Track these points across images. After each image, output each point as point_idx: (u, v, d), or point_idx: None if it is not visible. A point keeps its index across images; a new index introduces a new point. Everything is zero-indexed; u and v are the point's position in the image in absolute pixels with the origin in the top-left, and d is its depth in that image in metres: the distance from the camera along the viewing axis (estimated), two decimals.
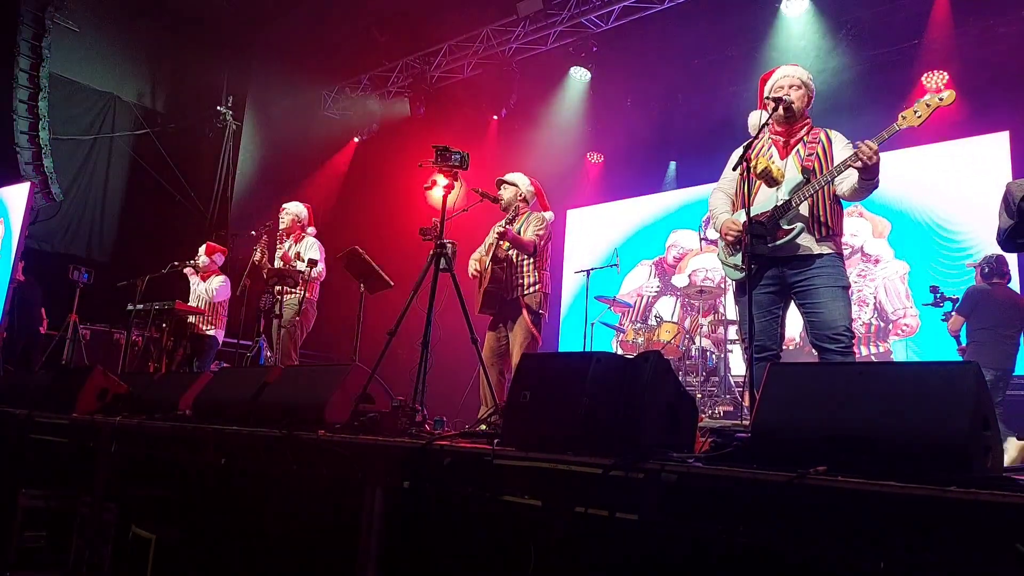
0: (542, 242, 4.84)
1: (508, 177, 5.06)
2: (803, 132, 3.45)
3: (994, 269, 5.80)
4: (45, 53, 9.28)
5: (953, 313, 5.83)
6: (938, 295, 5.97)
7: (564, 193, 10.31)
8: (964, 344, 5.79)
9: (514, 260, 4.78)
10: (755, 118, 3.68)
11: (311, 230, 6.36)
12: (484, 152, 10.25)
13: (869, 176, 3.13)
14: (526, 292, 4.75)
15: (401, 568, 2.55)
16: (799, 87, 3.46)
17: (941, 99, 2.97)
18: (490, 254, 4.80)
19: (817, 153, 3.34)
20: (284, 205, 6.36)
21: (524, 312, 4.71)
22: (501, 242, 4.75)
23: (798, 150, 3.41)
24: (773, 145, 3.49)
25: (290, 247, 6.20)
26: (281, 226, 6.28)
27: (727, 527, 1.72)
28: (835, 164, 3.25)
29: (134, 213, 10.71)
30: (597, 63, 9.22)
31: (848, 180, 3.25)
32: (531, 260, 4.79)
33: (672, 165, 9.69)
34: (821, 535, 1.61)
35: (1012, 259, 6.70)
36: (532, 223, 4.85)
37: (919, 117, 3.01)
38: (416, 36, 9.98)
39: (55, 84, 9.51)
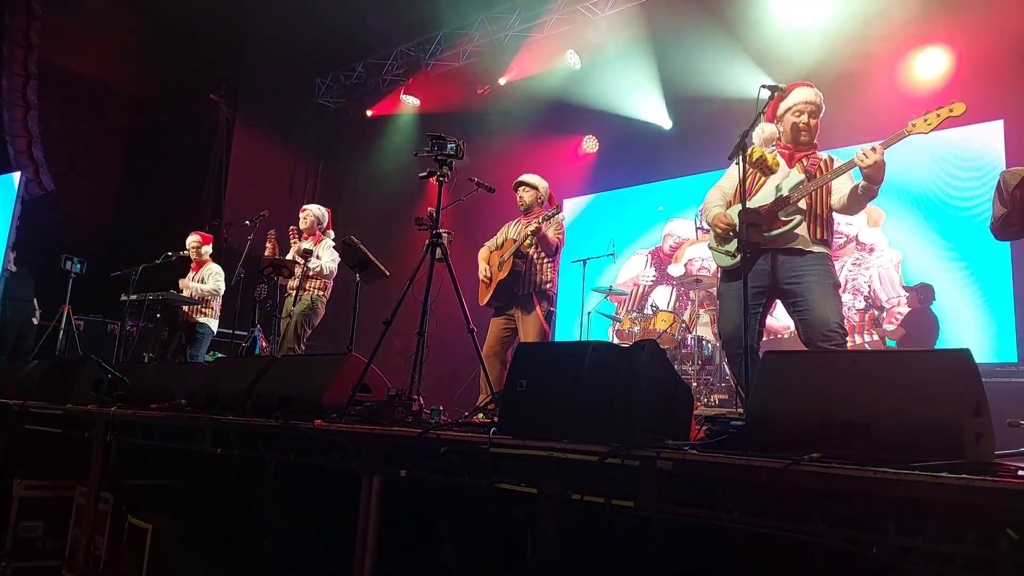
0: (561, 244, 5.04)
1: (528, 180, 5.16)
2: (809, 151, 3.50)
3: (923, 296, 7.00)
4: (34, 41, 9.19)
5: (897, 325, 7.06)
6: (868, 303, 7.39)
7: (560, 182, 10.27)
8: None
9: (534, 258, 4.92)
10: (766, 131, 3.64)
11: (331, 233, 6.42)
12: (480, 141, 10.21)
13: (873, 181, 3.17)
14: (540, 288, 4.90)
15: (399, 556, 2.57)
16: (815, 115, 3.48)
17: (952, 110, 3.00)
18: (509, 249, 4.86)
19: (819, 166, 3.40)
20: (306, 206, 6.50)
21: (538, 307, 4.86)
22: (530, 237, 4.84)
23: (802, 161, 3.46)
24: (779, 154, 3.52)
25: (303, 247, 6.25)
26: (302, 226, 6.36)
27: (722, 513, 1.74)
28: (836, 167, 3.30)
29: (127, 202, 10.65)
30: (593, 51, 9.18)
31: (841, 192, 3.30)
32: (549, 260, 4.97)
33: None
34: (815, 521, 1.62)
35: (1004, 248, 6.74)
36: (553, 226, 4.94)
37: (928, 125, 3.02)
38: (411, 24, 9.92)
39: (46, 73, 9.42)
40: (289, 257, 6.09)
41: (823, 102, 3.52)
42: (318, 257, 6.01)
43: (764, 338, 3.64)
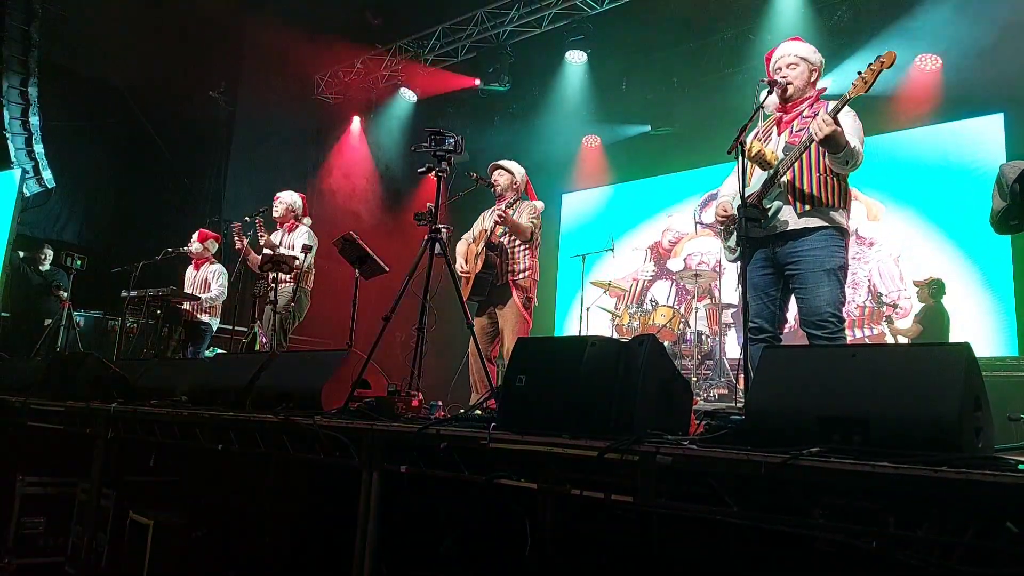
0: (537, 229, 4.90)
1: (504, 163, 5.06)
2: (804, 106, 3.36)
3: (936, 290, 6.84)
4: (34, 38, 9.18)
5: (914, 323, 6.90)
6: (880, 298, 7.43)
7: (559, 177, 10.28)
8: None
9: (507, 246, 4.82)
10: (763, 94, 3.61)
11: (307, 220, 6.32)
12: (479, 136, 10.20)
13: (831, 150, 3.06)
14: (517, 277, 4.79)
15: (399, 552, 2.57)
16: (796, 64, 3.36)
17: (883, 63, 2.99)
18: (482, 240, 4.81)
19: (808, 128, 3.20)
20: (279, 194, 6.30)
21: (515, 295, 4.76)
22: (498, 228, 4.76)
23: (793, 126, 3.34)
24: (775, 123, 3.44)
25: (283, 236, 6.18)
26: (275, 215, 6.23)
27: (722, 508, 1.74)
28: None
29: (127, 199, 10.64)
30: (592, 46, 9.17)
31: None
32: (525, 247, 4.84)
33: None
34: (814, 515, 1.62)
35: (1005, 241, 6.74)
36: (526, 211, 4.87)
37: (866, 84, 3.01)
38: (410, 19, 9.90)
39: (46, 70, 9.41)
40: (266, 253, 5.95)
41: (813, 54, 3.39)
42: (303, 251, 5.84)
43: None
